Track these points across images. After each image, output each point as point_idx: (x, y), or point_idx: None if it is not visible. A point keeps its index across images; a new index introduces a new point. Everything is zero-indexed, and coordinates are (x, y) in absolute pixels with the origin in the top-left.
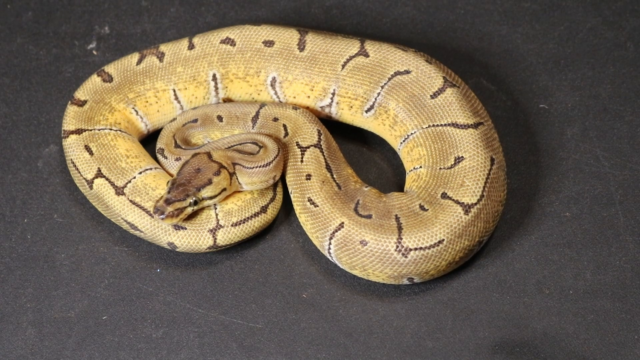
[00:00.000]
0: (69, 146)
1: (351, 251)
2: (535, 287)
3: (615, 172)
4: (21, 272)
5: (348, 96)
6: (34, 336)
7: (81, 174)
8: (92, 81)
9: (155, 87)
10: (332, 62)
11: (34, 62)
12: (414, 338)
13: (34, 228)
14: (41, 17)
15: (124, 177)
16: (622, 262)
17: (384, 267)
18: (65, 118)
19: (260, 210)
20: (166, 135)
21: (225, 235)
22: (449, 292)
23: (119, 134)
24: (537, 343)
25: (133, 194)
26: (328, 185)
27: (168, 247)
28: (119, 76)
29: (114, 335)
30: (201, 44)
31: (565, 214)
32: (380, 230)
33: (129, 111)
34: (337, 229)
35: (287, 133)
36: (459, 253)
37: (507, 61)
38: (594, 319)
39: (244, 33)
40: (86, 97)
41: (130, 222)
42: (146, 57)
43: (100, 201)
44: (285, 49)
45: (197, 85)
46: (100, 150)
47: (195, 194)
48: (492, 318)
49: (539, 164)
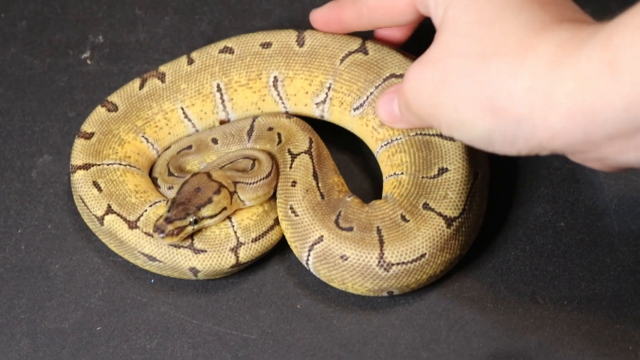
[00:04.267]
0: (77, 182)
1: (331, 265)
2: (530, 297)
3: (609, 182)
4: (15, 282)
5: (342, 91)
6: (27, 347)
7: (91, 211)
8: (98, 112)
9: (163, 109)
10: (332, 55)
11: (28, 72)
12: (408, 349)
13: (28, 238)
14: (35, 27)
15: (135, 211)
16: (617, 273)
17: (364, 281)
18: (73, 152)
19: (274, 222)
20: (160, 164)
21: (247, 251)
22: (444, 303)
23: (128, 169)
24: (532, 353)
25: (147, 227)
26: (311, 195)
27: (190, 273)
28: (124, 104)
29: (108, 346)
30: (200, 57)
31: (560, 224)
32: (362, 245)
33: (139, 140)
34: (316, 242)
35: (281, 140)
36: (440, 266)
37: None
38: (588, 329)
39: (241, 40)
40: (93, 129)
41: (148, 253)
42: (148, 80)
43: (113, 237)
44: (284, 47)
45: (203, 99)
46: (109, 186)
47: (195, 213)
48: (487, 328)
49: (534, 174)
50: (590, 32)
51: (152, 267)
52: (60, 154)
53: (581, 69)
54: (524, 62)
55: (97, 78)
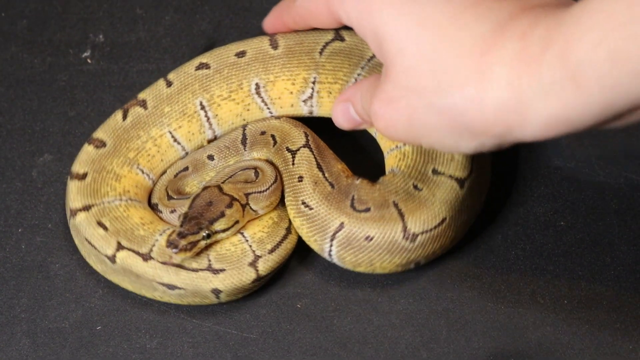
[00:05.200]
0: (81, 225)
1: (356, 249)
2: (530, 297)
3: (610, 181)
4: (15, 282)
5: (328, 82)
6: (28, 346)
7: (100, 251)
8: (86, 152)
9: (151, 136)
10: (310, 50)
11: (28, 71)
12: (408, 348)
13: (28, 238)
14: (36, 26)
15: (146, 243)
16: (617, 272)
17: (392, 258)
18: (70, 195)
19: (286, 231)
20: (159, 190)
21: (266, 263)
22: (444, 303)
23: (129, 203)
24: (532, 353)
25: (161, 256)
26: (321, 186)
27: (212, 295)
28: (112, 138)
29: (108, 346)
30: (178, 78)
31: (561, 223)
32: (383, 222)
33: (135, 172)
34: (337, 230)
35: (276, 142)
36: (460, 228)
37: None
38: (588, 329)
39: (215, 53)
40: (85, 169)
41: (167, 283)
42: (129, 110)
43: (128, 273)
44: (259, 52)
45: (189, 119)
46: (115, 223)
47: (208, 227)
48: (487, 328)
49: (534, 173)
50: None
51: (171, 297)
52: (60, 153)
53: (546, 84)
54: (485, 86)
55: (97, 77)
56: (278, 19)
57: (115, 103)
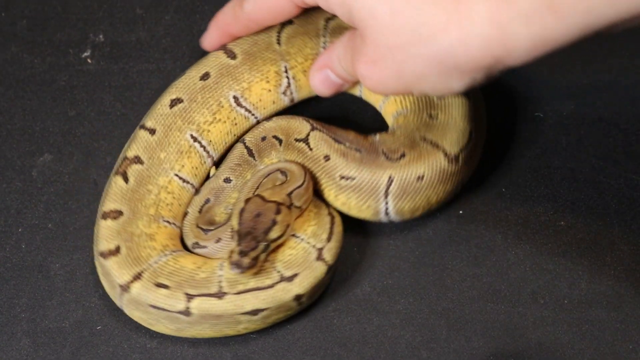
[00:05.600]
0: (139, 295)
1: (412, 194)
2: (530, 296)
3: (610, 181)
4: (15, 281)
5: (299, 63)
6: (28, 346)
7: (172, 310)
8: (106, 226)
9: (161, 185)
10: (267, 45)
11: (28, 71)
12: (408, 348)
13: (29, 237)
14: (36, 26)
15: (212, 282)
16: (617, 272)
17: (445, 186)
18: (114, 273)
19: (330, 216)
20: (189, 230)
21: (330, 251)
22: (444, 302)
23: (174, 255)
24: (532, 353)
25: (234, 287)
26: (350, 155)
27: (295, 303)
28: (125, 205)
29: (108, 346)
30: (158, 122)
31: (560, 223)
32: (425, 157)
33: (163, 226)
34: (388, 185)
35: (281, 140)
36: (481, 141)
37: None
38: (588, 329)
39: (180, 86)
40: (115, 243)
41: (250, 310)
42: (127, 171)
43: (206, 319)
44: (221, 68)
45: (187, 156)
46: (173, 278)
47: (264, 239)
48: (487, 328)
49: (534, 173)
50: None
51: (256, 323)
52: (60, 153)
53: (525, 14)
54: (467, 26)
55: (97, 77)
56: (224, 33)
57: (115, 103)
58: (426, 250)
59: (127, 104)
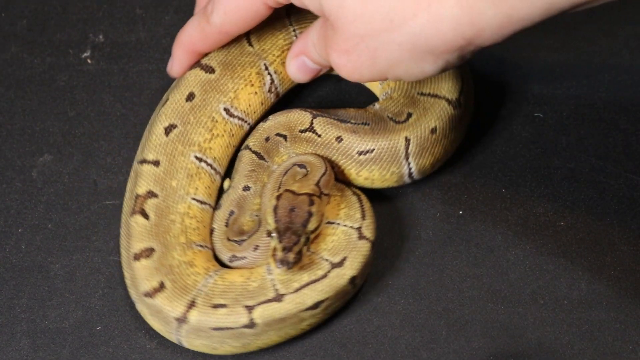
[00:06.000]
0: (199, 322)
1: (430, 148)
2: (530, 297)
3: (610, 182)
4: (15, 282)
5: (277, 56)
6: (27, 347)
7: (235, 327)
8: (142, 266)
9: (182, 212)
10: (240, 51)
11: (28, 71)
12: (408, 349)
13: (28, 238)
14: (36, 26)
15: (267, 287)
16: (617, 272)
17: (457, 133)
18: (165, 308)
19: (356, 195)
20: (221, 245)
21: (368, 227)
22: (444, 303)
23: (220, 274)
24: (532, 353)
25: (287, 287)
26: (361, 130)
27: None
28: (153, 240)
29: (108, 346)
30: (159, 152)
31: (560, 223)
32: (431, 109)
33: (197, 250)
34: (407, 147)
35: (285, 136)
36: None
37: (502, 69)
38: (588, 329)
39: (168, 112)
40: (157, 280)
41: (312, 303)
42: (144, 207)
43: (272, 325)
44: (204, 85)
45: (198, 178)
46: (228, 295)
47: (304, 232)
48: (487, 328)
49: (534, 174)
50: None
51: (318, 316)
52: (60, 153)
53: None
54: (436, 9)
55: (97, 77)
56: (192, 54)
57: (115, 103)
58: (426, 250)
59: (127, 104)
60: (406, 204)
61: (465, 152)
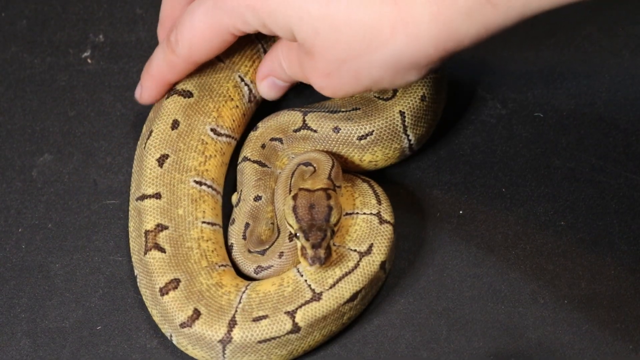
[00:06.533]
0: (244, 338)
1: (423, 116)
2: (530, 296)
3: (610, 181)
4: (15, 282)
5: (250, 66)
6: (28, 346)
7: (281, 335)
8: (172, 299)
9: (195, 237)
10: (212, 68)
11: (28, 71)
12: (408, 348)
13: (29, 237)
14: (36, 26)
15: (302, 291)
16: (617, 272)
17: (441, 94)
18: (207, 333)
19: (366, 182)
20: (244, 259)
21: (386, 212)
22: (444, 302)
23: (252, 288)
24: (532, 353)
25: (321, 285)
26: (354, 117)
27: (382, 272)
28: (177, 270)
29: (108, 346)
30: (158, 183)
31: (561, 223)
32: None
33: (220, 271)
34: (403, 120)
35: (281, 139)
36: None
37: (502, 69)
38: (589, 329)
39: (156, 143)
40: (191, 309)
41: (350, 295)
42: (157, 241)
43: (315, 325)
44: (185, 110)
45: (203, 201)
46: (266, 306)
47: (328, 226)
48: (487, 328)
49: (534, 173)
50: None
51: (356, 308)
52: (60, 153)
53: (466, 11)
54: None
55: (97, 77)
56: (162, 84)
57: (115, 103)
58: (426, 249)
59: (127, 104)
60: (406, 203)
61: (466, 151)
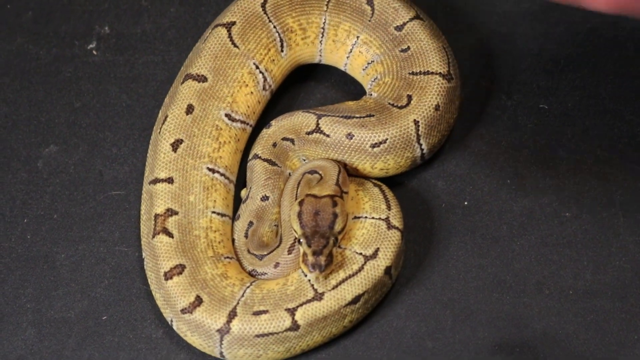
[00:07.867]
0: (242, 330)
1: (437, 125)
2: (535, 287)
3: (615, 172)
4: (21, 272)
5: (264, 54)
6: (33, 336)
7: (279, 331)
8: (175, 284)
9: (205, 226)
10: (227, 54)
11: (33, 62)
12: (413, 338)
13: (34, 228)
14: (41, 17)
15: (304, 289)
16: (622, 262)
17: (454, 103)
18: (206, 321)
19: (377, 186)
20: (242, 257)
21: (395, 217)
22: (449, 293)
23: (257, 284)
24: (537, 343)
25: (327, 284)
26: (368, 123)
27: (387, 277)
28: (183, 257)
29: (113, 336)
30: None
31: (565, 214)
32: (429, 87)
33: (227, 262)
34: (417, 129)
35: (292, 140)
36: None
37: (507, 61)
38: (593, 319)
39: (171, 127)
40: (193, 295)
41: (352, 298)
42: (166, 226)
43: (314, 325)
44: (200, 95)
45: (214, 189)
46: (267, 301)
47: (332, 234)
48: (492, 318)
49: (539, 164)
50: None
51: (359, 311)
52: (66, 144)
53: None
54: None
55: (103, 69)
56: None
57: (121, 94)
58: (431, 241)
59: (132, 96)
60: (411, 195)
61: (471, 143)
